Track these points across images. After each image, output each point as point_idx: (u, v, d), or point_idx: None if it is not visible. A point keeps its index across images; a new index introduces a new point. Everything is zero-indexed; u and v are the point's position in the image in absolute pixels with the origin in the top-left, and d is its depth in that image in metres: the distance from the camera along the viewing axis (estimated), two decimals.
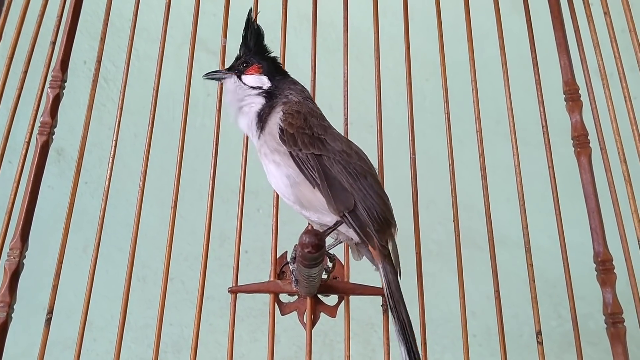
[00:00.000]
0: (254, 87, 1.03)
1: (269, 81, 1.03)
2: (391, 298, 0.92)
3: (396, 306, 0.91)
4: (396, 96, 1.44)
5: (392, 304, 0.92)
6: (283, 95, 1.02)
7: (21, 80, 1.20)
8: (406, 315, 0.91)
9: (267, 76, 1.04)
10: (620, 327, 1.05)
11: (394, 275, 0.93)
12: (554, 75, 1.23)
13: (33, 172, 1.14)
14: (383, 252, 0.92)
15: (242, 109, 1.03)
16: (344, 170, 0.93)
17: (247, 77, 1.04)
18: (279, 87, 1.03)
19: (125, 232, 1.13)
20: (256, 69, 1.04)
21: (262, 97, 1.02)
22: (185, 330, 1.83)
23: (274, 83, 1.03)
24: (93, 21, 1.70)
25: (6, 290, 1.08)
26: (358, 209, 0.91)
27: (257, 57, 1.05)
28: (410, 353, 0.89)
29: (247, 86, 1.03)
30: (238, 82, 1.04)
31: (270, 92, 1.03)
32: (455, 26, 1.25)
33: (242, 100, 1.03)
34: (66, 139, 1.80)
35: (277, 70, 1.06)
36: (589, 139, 1.15)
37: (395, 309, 0.91)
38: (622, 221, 1.08)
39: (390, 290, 0.92)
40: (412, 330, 0.91)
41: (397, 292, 0.92)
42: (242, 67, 1.05)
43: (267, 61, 1.05)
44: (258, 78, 1.04)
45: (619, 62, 1.13)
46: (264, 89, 1.03)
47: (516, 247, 1.16)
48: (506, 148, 1.17)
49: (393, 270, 0.93)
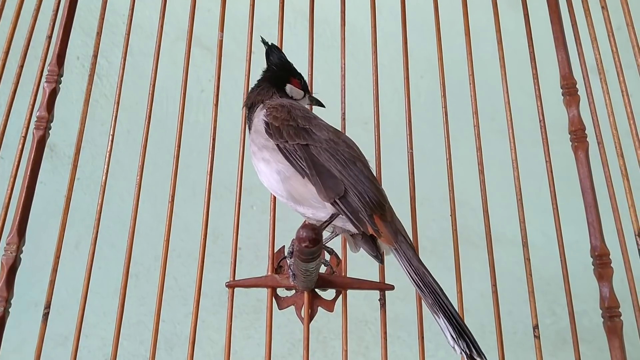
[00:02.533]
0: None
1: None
2: (416, 274, 0.89)
3: (424, 279, 0.88)
4: (391, 93, 1.44)
5: (419, 279, 0.88)
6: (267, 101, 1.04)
7: (17, 75, 1.19)
8: (437, 285, 0.88)
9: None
10: (617, 321, 1.05)
11: (413, 251, 0.91)
12: (550, 71, 1.23)
13: (30, 166, 1.14)
14: (377, 235, 0.90)
15: None
16: (332, 157, 0.93)
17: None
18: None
19: (118, 229, 1.13)
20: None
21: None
22: (178, 327, 1.82)
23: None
24: (86, 17, 1.69)
25: (3, 285, 1.07)
26: (349, 195, 0.91)
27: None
28: (452, 321, 0.85)
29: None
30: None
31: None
32: (451, 22, 1.25)
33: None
34: (59, 134, 1.77)
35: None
36: (586, 134, 1.16)
37: (423, 282, 0.88)
38: (619, 216, 1.09)
39: (412, 267, 0.89)
40: (448, 299, 0.87)
41: (421, 265, 0.90)
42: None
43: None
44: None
45: (617, 56, 1.13)
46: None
47: (511, 245, 1.16)
48: (501, 145, 1.17)
49: (409, 246, 0.92)
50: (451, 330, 0.85)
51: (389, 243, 0.91)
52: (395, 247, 0.91)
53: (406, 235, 0.94)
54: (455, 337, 0.85)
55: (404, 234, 0.93)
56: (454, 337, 0.85)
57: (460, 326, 0.85)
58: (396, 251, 0.91)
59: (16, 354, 1.41)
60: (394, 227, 0.92)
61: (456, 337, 0.85)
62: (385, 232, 0.91)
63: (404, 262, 0.91)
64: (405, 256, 0.91)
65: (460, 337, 0.85)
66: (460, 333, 0.85)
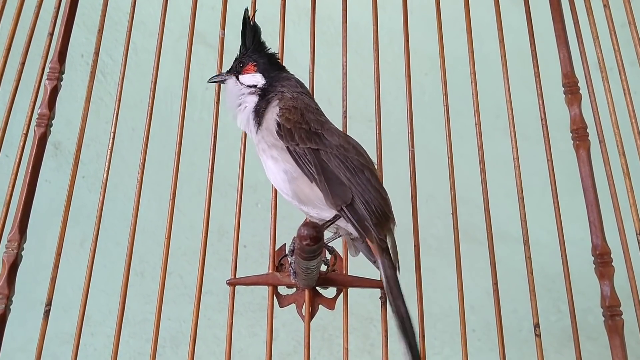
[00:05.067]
0: (250, 86, 1.05)
1: (263, 78, 1.05)
2: (390, 293, 0.91)
3: (395, 301, 0.90)
4: (395, 90, 1.44)
5: (390, 299, 0.91)
6: (276, 91, 1.02)
7: (18, 72, 1.20)
8: (405, 310, 0.90)
9: (262, 73, 1.05)
10: (617, 319, 1.05)
11: (392, 270, 0.92)
12: (551, 70, 1.23)
13: (31, 164, 1.14)
14: (381, 245, 0.91)
15: (239, 107, 1.04)
16: (342, 164, 0.93)
17: (244, 76, 1.05)
18: (272, 84, 1.04)
19: (123, 226, 1.13)
20: (251, 67, 1.05)
21: (257, 95, 1.04)
22: (184, 325, 1.83)
23: (268, 80, 1.05)
24: (90, 14, 1.70)
25: (4, 283, 1.07)
26: (356, 203, 0.91)
27: (253, 56, 1.06)
28: (411, 349, 0.88)
29: (244, 85, 1.05)
30: (236, 82, 1.06)
31: (265, 88, 1.04)
32: (454, 20, 1.25)
33: (239, 99, 1.05)
34: (63, 132, 1.80)
35: (273, 66, 1.07)
36: (587, 132, 1.15)
37: (394, 303, 0.90)
38: (621, 214, 1.08)
39: (389, 285, 0.91)
40: (412, 325, 0.90)
41: (396, 287, 0.91)
42: (239, 67, 1.06)
43: (263, 58, 1.06)
44: (252, 76, 1.05)
45: (619, 55, 1.13)
46: (258, 86, 1.04)
47: (516, 243, 1.15)
48: (504, 143, 1.17)
49: (391, 265, 0.93)
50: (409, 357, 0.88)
51: (377, 254, 0.93)
52: (381, 260, 0.93)
53: (394, 253, 0.95)
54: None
55: (392, 251, 0.95)
56: None
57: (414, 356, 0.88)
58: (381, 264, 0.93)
59: (22, 352, 1.42)
60: (385, 242, 0.93)
61: None
62: (380, 244, 0.92)
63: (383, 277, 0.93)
64: (385, 274, 0.93)
65: None
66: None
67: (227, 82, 1.07)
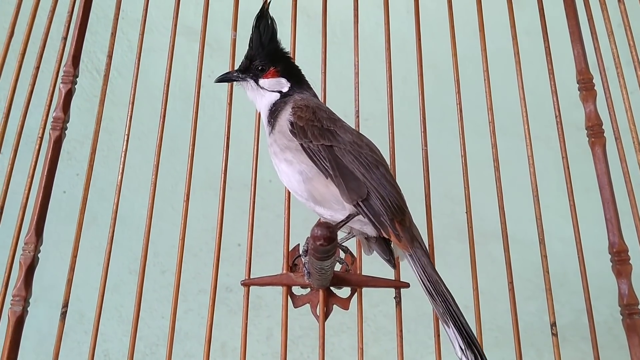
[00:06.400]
0: (273, 91, 1.04)
1: (287, 82, 1.05)
2: (429, 281, 0.90)
3: (436, 287, 0.89)
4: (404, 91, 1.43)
5: (431, 287, 0.89)
6: (293, 98, 1.02)
7: (33, 77, 1.21)
8: (449, 293, 0.89)
9: (285, 77, 1.05)
10: (636, 318, 1.04)
11: (427, 258, 0.92)
12: (564, 68, 1.22)
13: (47, 167, 1.15)
14: (398, 239, 0.91)
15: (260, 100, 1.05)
16: (356, 160, 0.93)
17: (265, 81, 1.04)
18: (293, 89, 1.04)
19: (119, 225, 1.13)
20: (273, 72, 1.04)
21: (277, 94, 1.04)
22: (177, 323, 1.83)
23: (291, 83, 1.05)
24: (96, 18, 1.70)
25: (22, 285, 1.08)
26: (371, 198, 0.91)
27: (270, 59, 1.05)
28: (462, 332, 0.86)
29: (266, 90, 1.04)
30: (256, 86, 1.05)
31: (286, 93, 1.04)
32: (463, 20, 1.24)
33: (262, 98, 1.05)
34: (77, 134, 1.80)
35: (292, 70, 1.07)
36: (603, 129, 1.14)
37: (435, 290, 0.89)
38: (638, 211, 1.07)
39: (426, 274, 0.90)
40: (459, 308, 0.88)
41: (434, 273, 0.90)
42: (258, 71, 1.05)
43: (282, 62, 1.06)
44: (276, 81, 1.05)
45: (634, 50, 1.12)
46: (283, 91, 1.04)
47: (516, 242, 1.14)
48: (512, 142, 1.16)
49: (424, 253, 0.92)
50: (460, 341, 0.86)
51: (405, 249, 0.92)
52: (410, 253, 0.92)
53: (422, 242, 0.94)
54: (464, 348, 0.86)
55: (420, 240, 0.94)
56: (462, 348, 0.86)
57: (470, 337, 0.86)
58: (411, 257, 0.92)
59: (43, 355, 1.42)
60: (411, 233, 0.93)
61: (464, 348, 0.86)
62: (404, 237, 0.91)
63: (418, 269, 0.91)
64: (420, 263, 0.91)
65: (469, 348, 0.86)
66: (468, 344, 0.86)
67: (244, 85, 1.06)
